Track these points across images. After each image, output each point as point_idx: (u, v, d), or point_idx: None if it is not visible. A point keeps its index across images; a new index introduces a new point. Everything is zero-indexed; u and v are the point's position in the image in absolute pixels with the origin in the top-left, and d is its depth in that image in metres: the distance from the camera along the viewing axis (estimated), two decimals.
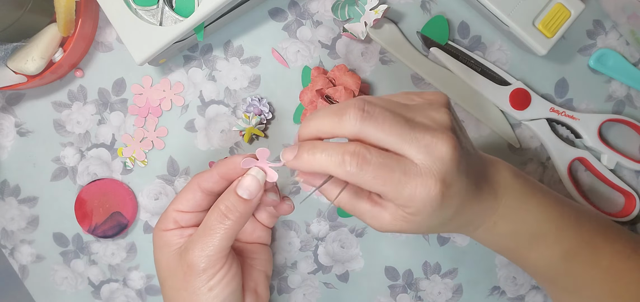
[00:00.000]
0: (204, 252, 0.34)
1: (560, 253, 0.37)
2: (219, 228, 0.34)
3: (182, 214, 0.37)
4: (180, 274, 0.35)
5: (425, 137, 0.29)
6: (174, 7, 0.43)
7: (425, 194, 0.29)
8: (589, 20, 0.48)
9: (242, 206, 0.34)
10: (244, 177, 0.35)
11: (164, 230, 0.37)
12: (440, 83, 0.47)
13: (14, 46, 0.44)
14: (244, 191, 0.34)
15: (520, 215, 0.36)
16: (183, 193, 0.37)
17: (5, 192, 0.50)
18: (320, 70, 0.47)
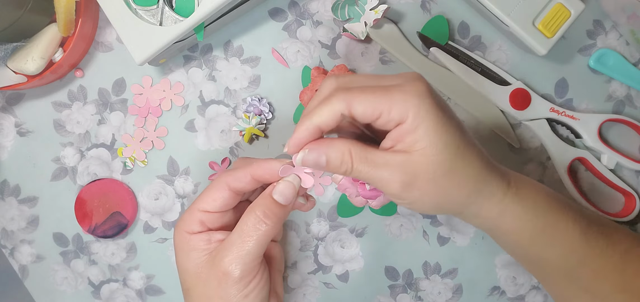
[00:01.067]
0: (240, 259, 0.33)
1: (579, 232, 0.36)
2: (255, 234, 0.33)
3: (208, 214, 0.35)
4: (213, 282, 0.34)
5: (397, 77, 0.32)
6: (174, 7, 0.43)
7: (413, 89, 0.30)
8: (589, 20, 0.48)
9: (279, 211, 0.34)
10: (281, 182, 0.34)
11: (190, 233, 0.35)
12: (440, 83, 0.47)
13: (14, 46, 0.44)
14: (280, 196, 0.34)
15: (532, 190, 0.35)
16: (210, 192, 0.35)
17: (5, 192, 0.50)
18: (320, 70, 0.47)
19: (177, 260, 0.36)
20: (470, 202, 0.33)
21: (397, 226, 0.49)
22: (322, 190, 0.49)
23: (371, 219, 0.49)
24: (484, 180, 0.33)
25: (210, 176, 0.49)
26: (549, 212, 0.35)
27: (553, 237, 0.36)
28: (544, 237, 0.36)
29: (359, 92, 0.31)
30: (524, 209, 0.35)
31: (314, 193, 0.49)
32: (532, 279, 0.50)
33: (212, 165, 0.49)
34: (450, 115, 0.32)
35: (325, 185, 0.49)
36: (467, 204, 0.34)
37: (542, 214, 0.35)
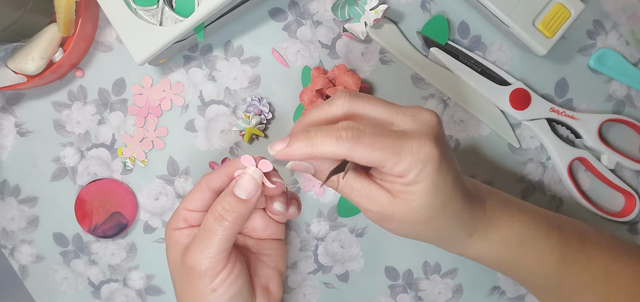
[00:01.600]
0: (203, 254, 0.34)
1: (555, 258, 0.37)
2: (217, 230, 0.34)
3: (191, 212, 0.37)
4: (184, 275, 0.35)
5: (409, 109, 0.31)
6: (174, 7, 0.43)
7: (423, 153, 0.30)
8: (589, 20, 0.48)
9: (240, 207, 0.34)
10: (241, 177, 0.34)
11: (174, 229, 0.37)
12: (440, 83, 0.47)
13: (14, 46, 0.44)
14: (241, 191, 0.34)
15: (507, 221, 0.36)
16: (192, 192, 0.38)
17: (5, 192, 0.50)
18: (320, 70, 0.47)
19: (166, 254, 0.38)
20: (442, 241, 0.35)
21: None
22: (322, 190, 0.49)
23: None
24: (454, 226, 0.34)
25: None
26: (521, 244, 0.36)
27: (525, 267, 0.37)
28: (515, 266, 0.37)
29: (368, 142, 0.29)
30: (491, 246, 0.36)
31: (314, 193, 0.49)
32: None
33: (212, 165, 0.49)
34: (447, 175, 0.31)
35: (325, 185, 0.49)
36: (440, 242, 0.36)
37: (512, 247, 0.36)
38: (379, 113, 0.31)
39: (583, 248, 0.38)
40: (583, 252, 0.38)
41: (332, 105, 0.32)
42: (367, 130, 0.30)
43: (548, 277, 0.38)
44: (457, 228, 0.34)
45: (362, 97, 0.32)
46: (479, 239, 0.36)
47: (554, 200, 0.49)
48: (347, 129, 0.30)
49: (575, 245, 0.38)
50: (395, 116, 0.31)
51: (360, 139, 0.29)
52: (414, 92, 0.48)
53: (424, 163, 0.30)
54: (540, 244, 0.37)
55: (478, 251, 0.36)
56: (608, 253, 0.38)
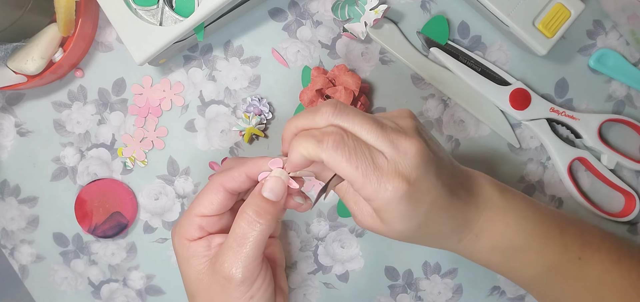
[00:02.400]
0: (241, 262, 0.33)
1: (544, 268, 0.37)
2: (251, 235, 0.33)
3: (206, 218, 0.35)
4: (216, 288, 0.34)
5: (392, 134, 0.30)
6: (174, 7, 0.43)
7: (391, 190, 0.30)
8: (589, 20, 0.48)
9: (271, 208, 0.33)
10: (268, 179, 0.34)
11: (189, 240, 0.35)
12: (440, 83, 0.47)
13: (14, 46, 0.44)
14: (270, 192, 0.33)
15: (500, 228, 0.35)
16: (205, 196, 0.35)
17: (5, 192, 0.50)
18: (320, 70, 0.47)
19: (179, 267, 0.36)
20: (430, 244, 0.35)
21: None
22: None
23: None
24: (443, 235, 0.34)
25: (210, 176, 0.49)
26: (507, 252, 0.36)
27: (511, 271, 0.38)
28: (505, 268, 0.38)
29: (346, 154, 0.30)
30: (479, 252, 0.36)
31: (314, 193, 0.49)
32: None
33: (212, 165, 0.49)
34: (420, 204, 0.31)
35: None
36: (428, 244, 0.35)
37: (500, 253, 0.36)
38: (363, 134, 0.31)
39: (582, 254, 0.37)
40: (580, 259, 0.37)
41: (318, 114, 0.31)
42: (349, 142, 0.30)
43: (537, 281, 0.38)
44: (441, 237, 0.34)
45: (347, 112, 0.31)
46: (468, 245, 0.36)
47: (554, 200, 0.49)
48: (330, 135, 0.30)
49: (574, 251, 0.37)
50: (377, 140, 0.30)
51: (340, 148, 0.30)
52: (414, 92, 0.48)
53: (389, 194, 0.30)
54: (531, 252, 0.36)
55: (468, 253, 0.37)
56: (607, 259, 0.37)
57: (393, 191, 0.30)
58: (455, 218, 0.34)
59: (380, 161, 0.30)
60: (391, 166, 0.30)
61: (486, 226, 0.35)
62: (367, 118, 0.31)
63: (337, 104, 0.31)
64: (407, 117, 0.33)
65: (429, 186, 0.31)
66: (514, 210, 0.36)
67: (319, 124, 0.31)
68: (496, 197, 0.36)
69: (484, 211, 0.35)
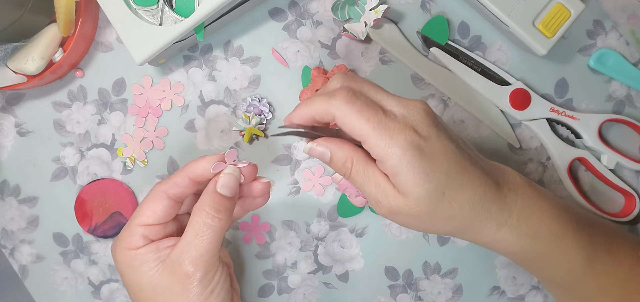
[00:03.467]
0: (200, 258, 0.33)
1: (582, 257, 0.36)
2: (208, 230, 0.33)
3: (149, 227, 0.35)
4: (176, 287, 0.34)
5: (401, 98, 0.32)
6: (174, 7, 0.43)
7: (403, 142, 0.30)
8: (589, 20, 0.48)
9: (226, 203, 0.34)
10: (221, 176, 0.35)
11: (134, 249, 0.35)
12: (440, 83, 0.47)
13: (14, 46, 0.44)
14: (224, 188, 0.34)
15: (537, 215, 0.35)
16: (148, 205, 0.35)
17: (5, 192, 0.50)
18: (320, 70, 0.47)
19: (125, 279, 0.35)
20: (458, 232, 0.34)
21: (397, 225, 0.49)
22: (322, 190, 0.49)
23: (371, 219, 0.49)
24: (475, 216, 0.33)
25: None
26: (549, 239, 0.35)
27: (551, 263, 0.36)
28: (541, 261, 0.36)
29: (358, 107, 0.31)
30: (521, 238, 0.35)
31: (314, 193, 0.49)
32: (533, 279, 0.50)
33: None
34: (438, 160, 0.31)
35: (325, 185, 0.49)
36: (456, 233, 0.34)
37: (542, 240, 0.35)
38: (372, 93, 0.32)
39: (610, 248, 0.37)
40: (609, 253, 0.37)
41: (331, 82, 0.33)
42: (361, 98, 0.31)
43: (571, 276, 0.37)
44: (477, 218, 0.33)
45: (357, 78, 0.33)
46: (509, 231, 0.34)
47: None
48: (342, 90, 0.31)
49: (603, 245, 0.37)
50: (385, 100, 0.32)
51: (351, 101, 0.30)
52: (414, 92, 0.48)
53: (402, 149, 0.30)
54: (568, 240, 0.35)
55: (507, 243, 0.35)
56: (633, 255, 0.37)
57: (405, 142, 0.30)
58: (491, 197, 0.32)
59: (390, 117, 0.31)
60: (400, 120, 0.30)
61: (524, 211, 0.34)
62: (373, 84, 0.33)
63: (346, 72, 0.33)
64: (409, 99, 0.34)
65: (443, 145, 0.31)
66: (545, 199, 0.36)
67: (332, 85, 0.33)
68: (526, 185, 0.35)
69: (518, 195, 0.34)
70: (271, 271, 0.50)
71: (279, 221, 0.49)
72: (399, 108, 0.31)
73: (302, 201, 0.49)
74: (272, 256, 0.50)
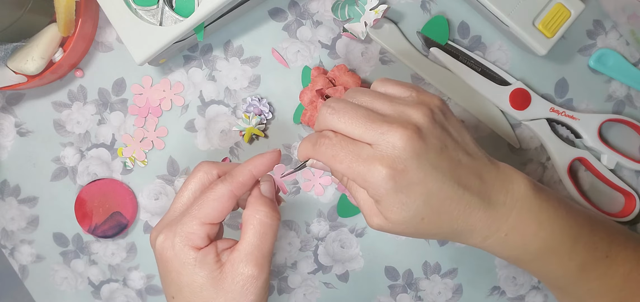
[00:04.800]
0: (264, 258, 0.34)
1: (574, 267, 0.36)
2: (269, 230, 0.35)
3: (213, 226, 0.34)
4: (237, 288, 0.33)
5: (381, 127, 0.31)
6: (174, 7, 0.43)
7: (377, 176, 0.31)
8: (589, 20, 0.48)
9: (274, 205, 0.36)
10: (263, 181, 0.37)
11: (197, 248, 0.34)
12: (440, 83, 0.47)
13: (14, 46, 0.44)
14: (268, 193, 0.36)
15: (533, 228, 0.35)
16: (214, 204, 0.34)
17: (5, 192, 0.50)
18: (320, 70, 0.47)
19: (181, 278, 0.34)
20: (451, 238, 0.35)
21: None
22: (322, 190, 0.49)
23: None
24: (459, 233, 0.34)
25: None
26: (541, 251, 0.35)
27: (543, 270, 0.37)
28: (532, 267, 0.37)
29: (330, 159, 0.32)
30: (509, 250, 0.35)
31: (314, 193, 0.49)
32: (533, 279, 0.50)
33: None
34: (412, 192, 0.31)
35: (325, 185, 0.49)
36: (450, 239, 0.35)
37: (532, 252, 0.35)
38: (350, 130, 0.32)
39: (609, 252, 0.37)
40: (608, 257, 0.37)
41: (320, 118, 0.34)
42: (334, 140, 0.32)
43: (565, 280, 0.37)
44: (460, 232, 0.34)
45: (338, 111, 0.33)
46: (496, 242, 0.35)
47: None
48: (321, 136, 0.33)
49: (603, 250, 0.37)
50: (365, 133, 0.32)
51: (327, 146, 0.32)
52: None
53: (377, 184, 0.31)
54: (562, 252, 0.36)
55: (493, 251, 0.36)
56: (633, 257, 0.37)
57: (378, 175, 0.31)
58: (470, 212, 0.33)
59: (365, 152, 0.31)
60: (375, 153, 0.31)
61: (517, 225, 0.34)
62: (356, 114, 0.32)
63: (329, 105, 0.33)
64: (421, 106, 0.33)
65: (423, 175, 0.31)
66: (547, 210, 0.35)
67: (321, 126, 0.34)
68: (530, 196, 0.35)
69: (513, 209, 0.34)
70: (271, 271, 0.50)
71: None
72: (375, 140, 0.31)
73: (302, 201, 0.49)
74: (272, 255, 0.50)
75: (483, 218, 0.33)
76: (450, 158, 0.32)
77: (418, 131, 0.31)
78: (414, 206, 0.32)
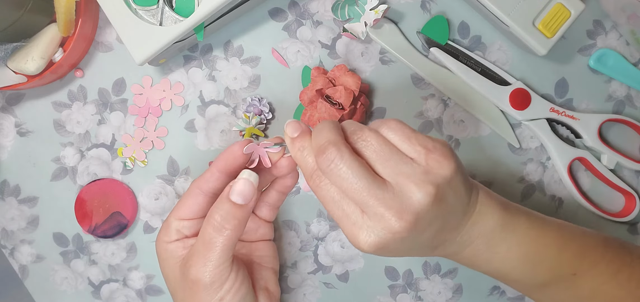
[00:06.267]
0: (206, 266, 0.33)
1: (535, 284, 0.36)
2: (217, 240, 0.32)
3: (184, 222, 0.36)
4: (187, 290, 0.34)
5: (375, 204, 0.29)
6: (174, 7, 0.43)
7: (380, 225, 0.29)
8: (589, 20, 0.48)
9: (238, 213, 0.33)
10: (236, 182, 0.33)
11: (167, 242, 0.35)
12: (440, 83, 0.47)
13: (14, 46, 0.44)
14: (237, 196, 0.33)
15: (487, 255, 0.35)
16: (184, 200, 0.36)
17: (5, 192, 0.50)
18: (320, 70, 0.47)
19: (160, 269, 0.37)
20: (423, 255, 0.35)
21: None
22: None
23: None
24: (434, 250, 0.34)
25: None
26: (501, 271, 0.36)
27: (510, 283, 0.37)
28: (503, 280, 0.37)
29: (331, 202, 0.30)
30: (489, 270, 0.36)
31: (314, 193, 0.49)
32: None
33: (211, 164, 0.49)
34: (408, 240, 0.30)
35: None
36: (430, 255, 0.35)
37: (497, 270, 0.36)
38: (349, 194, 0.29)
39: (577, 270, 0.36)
40: (574, 275, 0.36)
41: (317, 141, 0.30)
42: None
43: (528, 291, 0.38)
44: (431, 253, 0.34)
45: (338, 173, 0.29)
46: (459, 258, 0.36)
47: (554, 200, 0.49)
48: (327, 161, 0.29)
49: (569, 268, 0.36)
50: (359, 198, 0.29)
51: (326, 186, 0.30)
52: (414, 92, 0.48)
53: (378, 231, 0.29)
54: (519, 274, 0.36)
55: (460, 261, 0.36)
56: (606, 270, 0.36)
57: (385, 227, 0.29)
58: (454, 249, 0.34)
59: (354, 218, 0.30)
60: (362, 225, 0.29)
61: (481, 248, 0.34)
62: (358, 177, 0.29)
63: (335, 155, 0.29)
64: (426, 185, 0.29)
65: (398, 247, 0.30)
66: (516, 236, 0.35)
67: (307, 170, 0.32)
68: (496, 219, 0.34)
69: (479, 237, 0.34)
70: None
71: (279, 221, 0.49)
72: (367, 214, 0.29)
73: (302, 201, 0.49)
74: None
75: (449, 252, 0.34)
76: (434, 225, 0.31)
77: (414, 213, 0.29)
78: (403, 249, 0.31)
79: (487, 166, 0.49)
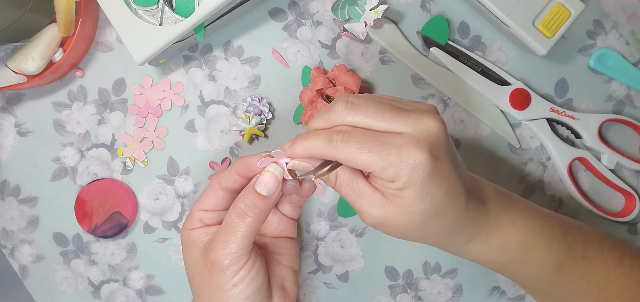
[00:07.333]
0: (226, 249, 0.34)
1: (553, 264, 0.37)
2: (239, 226, 0.34)
3: (206, 212, 0.38)
4: (205, 272, 0.36)
5: (411, 115, 0.31)
6: (174, 7, 0.43)
7: (412, 159, 0.30)
8: (589, 20, 0.48)
9: (261, 203, 0.35)
10: (262, 174, 0.35)
11: (190, 229, 0.38)
12: (440, 83, 0.47)
13: (14, 46, 0.44)
14: (262, 187, 0.35)
15: (508, 228, 0.36)
16: (205, 192, 0.38)
17: (5, 192, 0.50)
18: (320, 70, 0.47)
19: (183, 256, 0.39)
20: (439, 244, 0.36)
21: None
22: (322, 190, 0.49)
23: None
24: (452, 233, 0.34)
25: (210, 176, 0.49)
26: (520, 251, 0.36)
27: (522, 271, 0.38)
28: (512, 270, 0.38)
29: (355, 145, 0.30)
30: (490, 252, 0.36)
31: (315, 193, 0.49)
32: None
33: (212, 165, 0.49)
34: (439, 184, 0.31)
35: (325, 185, 0.49)
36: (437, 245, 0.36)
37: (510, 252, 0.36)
38: (377, 124, 0.31)
39: (585, 253, 0.38)
40: (584, 258, 0.37)
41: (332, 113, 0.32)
42: (358, 133, 0.31)
43: (545, 281, 0.38)
44: (454, 234, 0.34)
45: (360, 105, 0.31)
46: (478, 244, 0.36)
47: (554, 200, 0.49)
48: (338, 132, 0.31)
49: (578, 250, 0.37)
50: (395, 121, 0.31)
51: (348, 140, 0.30)
52: (414, 92, 0.48)
53: (412, 169, 0.30)
54: (539, 250, 0.37)
55: (476, 254, 0.36)
56: (610, 258, 0.38)
57: (416, 158, 0.30)
58: (469, 214, 0.34)
59: (396, 140, 0.30)
60: (411, 138, 0.30)
61: (495, 225, 0.35)
62: (381, 107, 0.31)
63: (348, 99, 0.32)
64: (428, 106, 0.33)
65: (449, 168, 0.31)
66: (517, 210, 0.37)
67: (334, 121, 0.32)
68: (499, 198, 0.37)
69: (489, 206, 0.35)
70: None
71: None
72: (410, 127, 0.30)
73: None
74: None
75: (473, 218, 0.34)
76: (457, 159, 0.33)
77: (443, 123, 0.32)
78: (435, 199, 0.31)
79: (487, 166, 0.49)
